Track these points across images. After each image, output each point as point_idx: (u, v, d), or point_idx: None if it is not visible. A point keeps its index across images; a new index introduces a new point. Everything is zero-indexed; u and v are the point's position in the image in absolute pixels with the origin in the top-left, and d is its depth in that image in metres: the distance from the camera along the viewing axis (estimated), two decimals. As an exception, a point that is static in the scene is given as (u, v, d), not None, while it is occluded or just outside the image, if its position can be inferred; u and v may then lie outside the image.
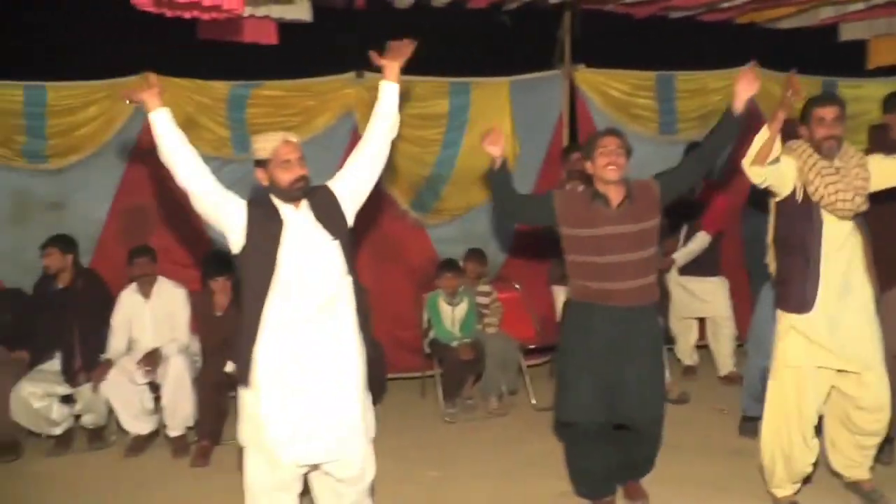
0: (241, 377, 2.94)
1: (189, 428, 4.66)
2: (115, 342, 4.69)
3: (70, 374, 4.53)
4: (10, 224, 5.07)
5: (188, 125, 5.09)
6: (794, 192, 3.38)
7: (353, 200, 3.14)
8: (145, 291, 4.74)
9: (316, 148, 5.31)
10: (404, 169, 5.45)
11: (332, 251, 3.00)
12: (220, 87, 5.25)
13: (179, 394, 4.54)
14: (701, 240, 5.21)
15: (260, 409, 2.91)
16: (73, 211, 5.11)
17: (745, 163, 3.31)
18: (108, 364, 4.56)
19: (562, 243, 3.55)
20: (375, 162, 3.18)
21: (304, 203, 3.02)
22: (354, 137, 5.38)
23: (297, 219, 2.99)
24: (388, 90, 3.21)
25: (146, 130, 4.99)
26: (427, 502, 3.88)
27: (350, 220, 3.12)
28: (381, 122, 3.19)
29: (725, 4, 4.86)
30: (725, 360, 5.44)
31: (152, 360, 4.56)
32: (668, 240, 5.27)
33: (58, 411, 4.55)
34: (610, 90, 5.68)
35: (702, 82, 5.80)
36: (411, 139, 5.46)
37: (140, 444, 4.61)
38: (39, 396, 4.45)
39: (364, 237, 5.49)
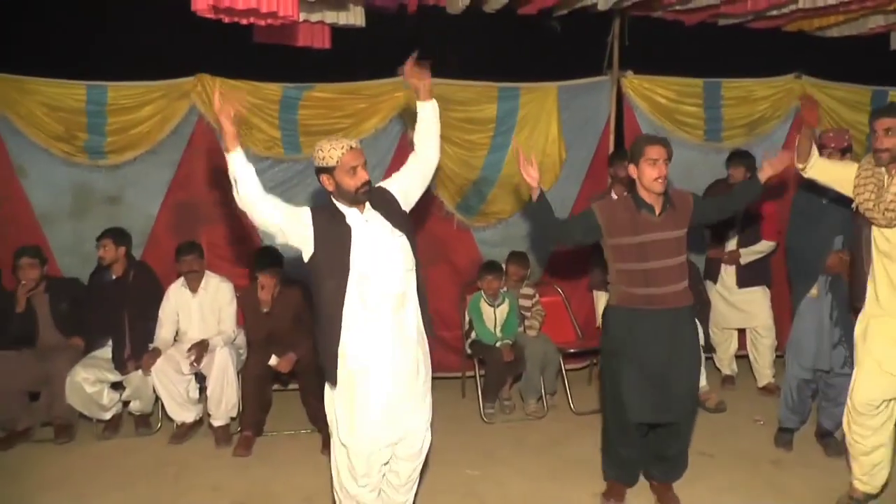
0: (329, 377, 3.11)
1: (233, 418, 4.77)
2: (163, 333, 4.84)
3: (120, 362, 4.68)
4: (71, 217, 5.25)
5: (239, 124, 5.28)
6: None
7: (405, 203, 3.27)
8: (193, 286, 4.87)
9: (365, 150, 5.39)
10: (452, 172, 5.51)
11: (399, 247, 3.12)
12: (274, 89, 5.37)
13: (224, 385, 4.66)
14: (766, 245, 5.16)
15: (351, 402, 3.09)
16: (128, 205, 5.27)
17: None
18: (156, 353, 4.70)
19: (606, 253, 3.64)
20: (426, 174, 3.35)
21: (367, 205, 3.14)
22: (403, 140, 5.52)
23: (364, 220, 3.11)
24: (427, 109, 3.32)
25: (199, 130, 5.30)
26: (464, 500, 3.91)
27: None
28: (428, 140, 3.32)
29: (774, 12, 4.81)
30: (764, 371, 5.36)
31: (200, 350, 4.68)
32: (716, 247, 5.23)
33: (108, 397, 4.72)
34: (656, 97, 5.65)
35: (748, 90, 5.73)
36: (459, 143, 5.52)
37: (184, 432, 4.74)
38: (91, 382, 4.61)
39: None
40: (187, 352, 4.67)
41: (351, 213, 3.11)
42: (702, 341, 5.19)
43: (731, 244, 5.23)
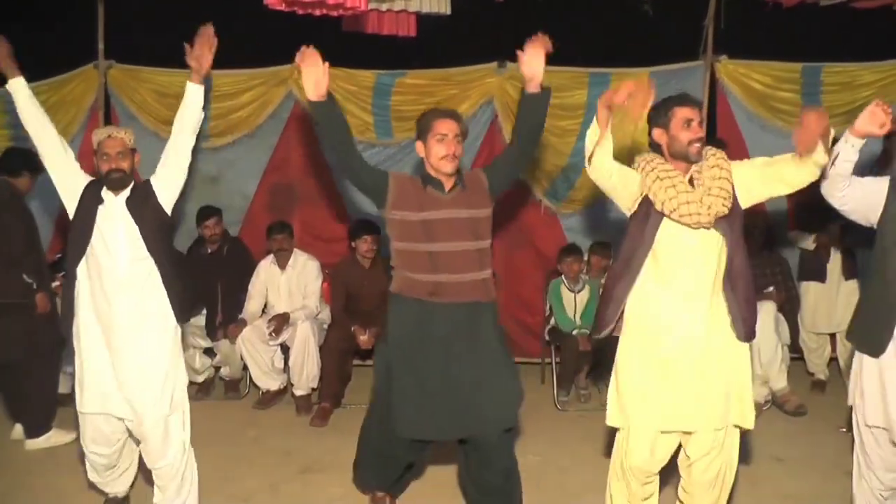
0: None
1: (314, 389, 5.03)
2: (251, 306, 5.17)
3: (211, 330, 5.06)
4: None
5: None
6: None
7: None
8: (281, 263, 5.17)
9: (456, 136, 5.57)
10: (540, 158, 5.51)
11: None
12: (367, 76, 5.58)
13: (305, 356, 4.92)
14: None
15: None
16: (227, 185, 5.65)
17: None
18: (242, 323, 5.03)
19: (388, 229, 3.27)
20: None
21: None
22: (493, 126, 5.60)
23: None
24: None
25: (295, 115, 5.58)
26: (522, 482, 3.93)
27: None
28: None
29: (883, -10, 4.50)
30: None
31: (280, 322, 4.97)
32: (822, 235, 4.96)
33: (200, 361, 5.15)
34: (752, 82, 5.38)
35: (852, 75, 5.33)
36: (549, 129, 5.49)
37: (268, 399, 5.06)
38: (185, 346, 4.97)
39: (498, 223, 5.59)
40: (267, 323, 4.98)
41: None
42: (788, 341, 4.99)
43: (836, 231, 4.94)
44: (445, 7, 5.07)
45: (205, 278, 5.13)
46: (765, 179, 2.91)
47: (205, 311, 5.17)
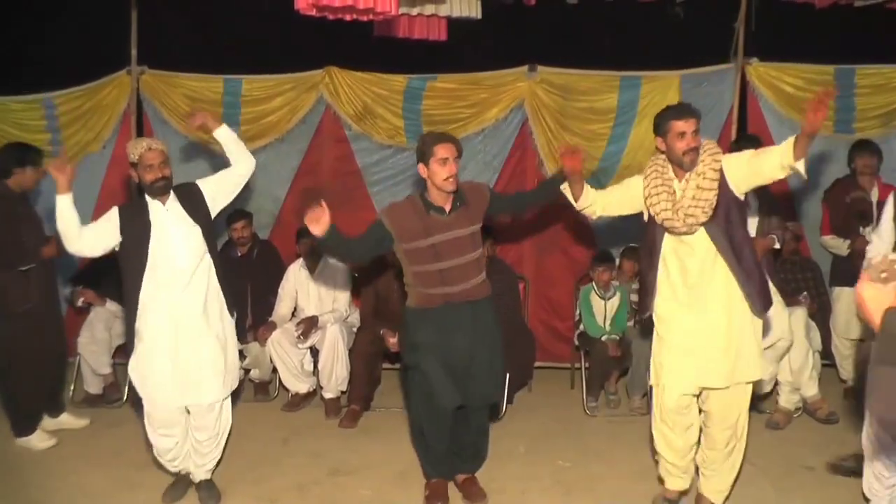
0: None
1: (343, 392, 5.05)
2: (281, 309, 5.21)
3: (241, 332, 5.07)
4: (207, 198, 5.73)
5: (365, 114, 5.56)
6: None
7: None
8: (311, 267, 5.20)
9: (486, 139, 5.58)
10: (572, 162, 5.51)
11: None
12: (399, 80, 5.60)
13: (334, 360, 4.95)
14: None
15: None
16: (258, 189, 5.67)
17: None
18: (272, 326, 5.07)
19: (399, 257, 3.68)
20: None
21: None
22: (524, 130, 5.60)
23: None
24: (220, 135, 3.85)
25: (326, 120, 5.63)
26: (551, 488, 3.95)
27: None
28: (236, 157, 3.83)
29: (919, -10, 4.42)
30: None
31: (308, 325, 5.01)
32: (857, 240, 4.89)
33: (230, 363, 5.15)
34: (783, 85, 5.31)
35: (887, 77, 5.23)
36: (580, 133, 5.50)
37: (298, 401, 5.08)
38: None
39: (529, 227, 5.63)
40: (296, 326, 5.01)
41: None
42: (819, 347, 4.91)
43: (869, 237, 4.86)
44: (476, 11, 5.08)
45: (235, 280, 5.14)
46: (749, 173, 3.27)
47: (234, 314, 5.19)
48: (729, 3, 5.21)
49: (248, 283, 5.20)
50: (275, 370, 5.19)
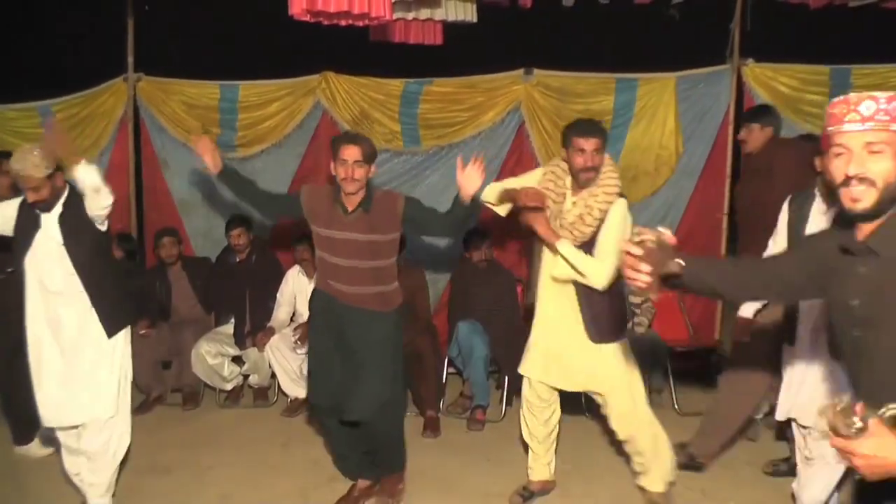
0: None
1: (343, 397, 5.05)
2: (280, 314, 5.20)
3: (240, 338, 5.10)
4: (204, 204, 5.74)
5: (361, 118, 5.56)
6: None
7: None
8: (308, 273, 5.17)
9: (482, 143, 5.58)
10: (568, 164, 5.52)
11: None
12: (395, 84, 5.60)
13: (332, 365, 4.93)
14: None
15: None
16: (256, 195, 5.69)
17: None
18: (270, 331, 5.06)
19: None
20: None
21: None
22: (520, 133, 5.61)
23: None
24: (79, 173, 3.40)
25: (323, 125, 5.63)
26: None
27: None
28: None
29: (914, -11, 4.42)
30: None
31: (304, 330, 4.95)
32: None
33: (228, 369, 5.16)
34: (779, 85, 5.32)
35: (883, 77, 5.23)
36: (577, 135, 5.49)
37: (296, 406, 5.06)
38: (213, 354, 5.05)
39: (526, 230, 5.60)
40: (293, 331, 5.01)
41: None
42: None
43: None
44: (472, 15, 5.08)
45: (233, 286, 5.18)
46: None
47: (233, 320, 5.20)
48: (724, 4, 5.22)
49: (247, 288, 5.19)
50: (274, 375, 5.18)
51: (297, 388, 5.06)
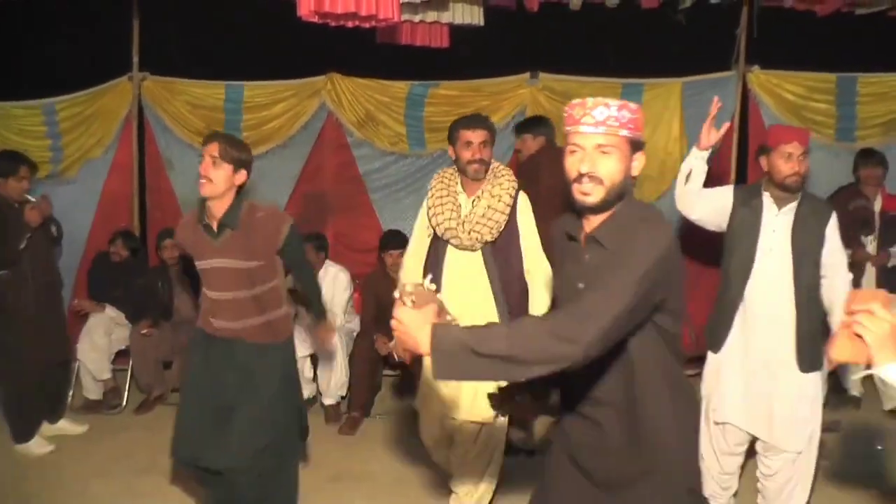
0: None
1: (343, 398, 5.03)
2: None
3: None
4: (209, 205, 5.72)
5: (367, 120, 5.56)
6: None
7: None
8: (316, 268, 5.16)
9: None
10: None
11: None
12: (401, 87, 5.61)
13: (332, 366, 4.93)
14: None
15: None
16: (260, 195, 5.58)
17: None
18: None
19: None
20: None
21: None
22: (526, 136, 5.58)
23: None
24: None
25: (328, 126, 5.62)
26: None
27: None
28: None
29: (921, -2, 4.42)
30: (892, 393, 4.87)
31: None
32: (859, 247, 4.87)
33: (230, 370, 5.13)
34: (784, 93, 5.32)
35: (889, 85, 5.26)
36: (581, 139, 5.48)
37: (297, 407, 5.04)
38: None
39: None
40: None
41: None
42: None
43: (871, 248, 4.85)
44: (479, 18, 5.07)
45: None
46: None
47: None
48: (731, 10, 5.22)
49: (249, 289, 5.17)
50: (276, 376, 5.14)
51: (297, 390, 5.03)
